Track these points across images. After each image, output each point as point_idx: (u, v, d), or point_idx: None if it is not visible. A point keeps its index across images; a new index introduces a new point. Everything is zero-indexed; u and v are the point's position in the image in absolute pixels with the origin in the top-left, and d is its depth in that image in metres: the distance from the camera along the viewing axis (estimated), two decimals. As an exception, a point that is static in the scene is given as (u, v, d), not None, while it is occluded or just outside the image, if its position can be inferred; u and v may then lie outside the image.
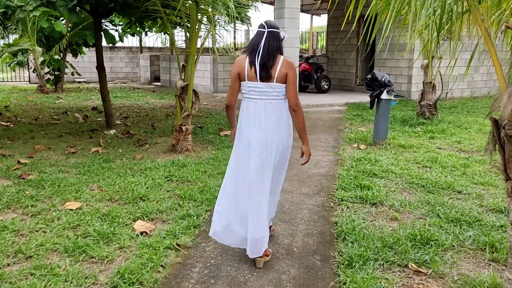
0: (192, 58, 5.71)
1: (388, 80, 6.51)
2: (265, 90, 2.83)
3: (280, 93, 2.86)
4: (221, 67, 13.10)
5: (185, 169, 5.06)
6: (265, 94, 2.83)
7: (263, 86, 2.82)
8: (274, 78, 2.81)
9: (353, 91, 13.72)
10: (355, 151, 6.26)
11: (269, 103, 2.85)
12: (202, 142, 6.68)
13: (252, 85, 2.86)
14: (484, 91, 13.30)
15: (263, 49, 2.81)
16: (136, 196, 4.18)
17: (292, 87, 2.85)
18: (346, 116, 9.17)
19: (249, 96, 2.89)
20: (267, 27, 2.88)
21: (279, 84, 2.83)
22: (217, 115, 9.18)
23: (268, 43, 2.83)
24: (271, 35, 2.86)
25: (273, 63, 2.81)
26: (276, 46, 2.86)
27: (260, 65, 2.79)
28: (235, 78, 2.93)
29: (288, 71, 2.83)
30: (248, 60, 2.84)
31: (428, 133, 7.36)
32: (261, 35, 2.86)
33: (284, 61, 2.85)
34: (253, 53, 2.83)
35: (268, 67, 2.80)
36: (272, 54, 2.84)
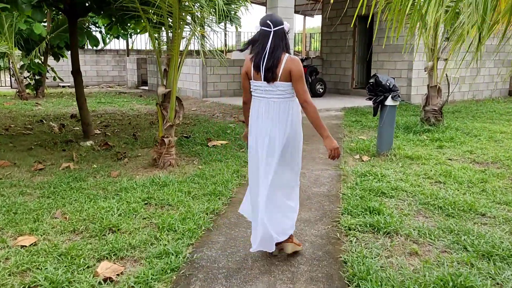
0: (175, 61, 5.05)
1: (393, 84, 5.90)
2: (268, 89, 2.86)
3: (284, 91, 2.86)
4: (211, 70, 12.44)
5: (166, 190, 4.39)
6: (268, 93, 2.87)
7: (266, 85, 2.86)
8: (278, 77, 2.82)
9: (350, 95, 13.12)
10: (357, 163, 5.63)
11: (273, 102, 2.87)
12: (187, 154, 6.01)
13: (257, 84, 2.90)
14: (486, 94, 12.78)
15: (269, 52, 2.79)
16: (106, 226, 3.51)
17: (298, 84, 2.84)
18: (345, 123, 8.55)
19: (255, 95, 2.95)
20: (273, 26, 2.82)
21: (283, 83, 2.83)
22: (205, 123, 8.51)
23: (273, 44, 2.80)
24: (277, 35, 2.82)
25: (277, 63, 2.80)
26: (282, 45, 2.83)
27: (265, 69, 2.80)
28: (244, 77, 2.99)
29: (292, 67, 2.80)
30: (253, 62, 2.85)
31: (435, 142, 6.76)
32: (266, 36, 2.82)
33: (288, 59, 2.81)
34: (258, 55, 2.82)
35: (273, 68, 2.80)
36: (278, 56, 2.80)
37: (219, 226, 3.64)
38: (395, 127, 7.44)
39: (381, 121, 5.99)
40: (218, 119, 9.22)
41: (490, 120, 8.72)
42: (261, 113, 2.89)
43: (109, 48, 18.20)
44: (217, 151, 6.17)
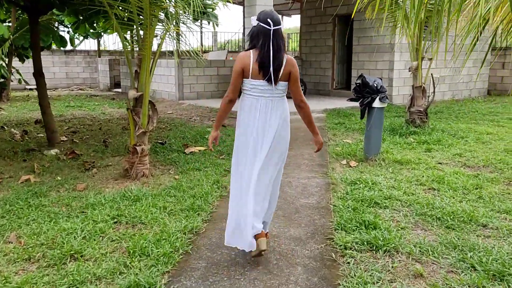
0: (147, 62, 4.60)
1: (381, 85, 5.59)
2: (267, 89, 2.87)
3: (281, 91, 2.92)
4: (187, 71, 11.96)
5: (139, 205, 3.94)
6: (267, 92, 2.88)
7: (265, 84, 2.86)
8: (279, 77, 2.86)
9: (330, 96, 12.86)
10: (345, 170, 5.29)
11: (270, 100, 2.90)
12: (163, 163, 5.55)
13: (256, 83, 2.87)
14: (465, 94, 12.72)
15: (273, 52, 2.78)
16: (67, 252, 3.04)
17: (296, 85, 2.93)
18: (328, 125, 8.23)
19: (251, 94, 2.90)
20: (273, 25, 2.81)
21: (282, 82, 2.89)
22: (182, 127, 8.05)
23: (276, 44, 2.81)
24: (278, 34, 2.83)
25: (282, 64, 2.84)
26: (283, 45, 2.85)
27: (273, 70, 2.80)
28: (239, 74, 2.88)
29: (292, 69, 2.88)
30: (256, 60, 2.80)
31: (423, 144, 6.50)
32: (267, 35, 2.81)
33: (287, 60, 2.87)
34: (264, 55, 2.79)
35: (279, 69, 2.83)
36: (282, 57, 2.84)
37: (199, 248, 3.22)
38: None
39: (369, 124, 5.67)
40: (195, 122, 8.76)
41: (474, 121, 8.55)
42: (259, 112, 2.88)
43: (79, 49, 17.45)
44: (195, 158, 5.74)
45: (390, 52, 11.05)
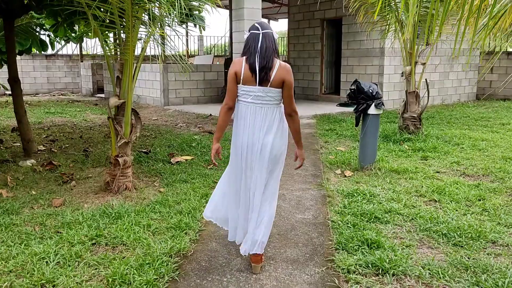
0: (129, 67, 4.27)
1: (376, 91, 5.35)
2: (258, 95, 2.83)
3: (273, 98, 2.85)
4: (173, 76, 11.62)
5: (120, 223, 3.60)
6: (258, 99, 2.84)
7: (256, 90, 2.82)
8: (270, 82, 2.80)
9: (319, 101, 12.64)
10: (341, 180, 5.03)
11: (260, 107, 2.84)
12: (147, 174, 5.22)
13: (246, 89, 2.85)
14: (454, 98, 12.63)
15: (260, 52, 2.78)
16: (37, 281, 2.70)
17: (289, 93, 2.85)
18: (318, 132, 7.97)
19: (242, 100, 2.88)
20: (262, 29, 2.84)
21: (273, 89, 2.83)
22: (167, 134, 7.71)
23: (265, 45, 2.80)
24: (267, 37, 2.83)
25: (271, 65, 2.79)
26: (273, 48, 2.83)
27: (259, 69, 2.77)
28: (233, 80, 2.86)
29: (286, 76, 2.82)
30: (247, 63, 2.81)
31: (418, 152, 6.28)
32: (256, 38, 2.83)
33: (280, 66, 2.83)
34: (251, 56, 2.79)
35: (267, 69, 2.78)
36: (270, 57, 2.80)
37: (187, 273, 2.90)
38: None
39: (363, 131, 5.42)
40: (181, 129, 8.43)
41: (467, 126, 8.39)
42: (249, 120, 2.85)
43: (61, 53, 16.96)
44: (181, 169, 5.41)
45: (380, 57, 10.88)
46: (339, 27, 12.16)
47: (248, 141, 2.86)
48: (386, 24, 7.27)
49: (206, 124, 9.05)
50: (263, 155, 2.86)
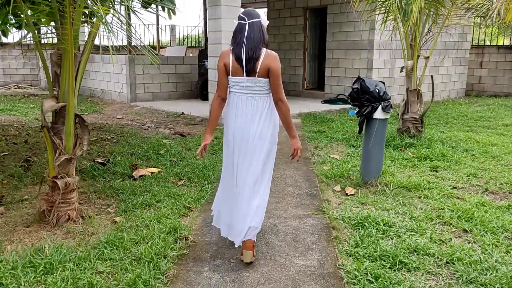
0: (70, 60, 3.18)
1: (384, 91, 4.42)
2: (247, 85, 2.85)
3: (262, 88, 2.87)
4: (140, 69, 10.43)
5: (50, 281, 2.54)
6: (247, 89, 2.86)
7: (245, 81, 2.84)
8: (257, 72, 2.80)
9: (301, 97, 11.70)
10: (343, 201, 4.09)
11: (251, 97, 2.87)
12: (101, 194, 4.14)
13: (236, 80, 2.86)
14: (444, 95, 11.91)
15: (247, 43, 2.77)
16: None
17: (275, 80, 2.83)
18: (306, 135, 7.02)
19: (233, 91, 2.91)
20: (248, 19, 2.81)
21: (261, 79, 2.83)
22: (132, 138, 6.59)
23: (252, 35, 2.78)
24: (254, 26, 2.80)
25: (257, 55, 2.77)
26: (260, 37, 2.80)
27: (246, 60, 2.77)
28: (222, 72, 2.89)
29: (271, 64, 2.80)
30: (233, 54, 2.81)
31: (425, 161, 5.40)
32: (243, 28, 2.81)
33: (266, 54, 2.80)
34: (238, 47, 2.79)
35: (253, 60, 2.77)
36: (257, 47, 2.77)
37: None
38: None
39: (369, 140, 4.49)
40: (149, 131, 7.32)
41: (468, 128, 7.61)
42: (240, 110, 2.88)
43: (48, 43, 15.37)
44: (145, 186, 4.35)
45: (368, 50, 10.00)
46: (323, 16, 11.22)
47: (240, 131, 2.89)
48: (385, 11, 6.34)
49: (177, 124, 7.96)
50: (255, 145, 2.88)
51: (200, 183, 4.52)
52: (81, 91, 12.55)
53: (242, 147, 2.90)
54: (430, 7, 6.03)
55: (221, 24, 7.49)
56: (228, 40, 7.81)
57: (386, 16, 6.36)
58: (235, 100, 2.90)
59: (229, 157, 2.98)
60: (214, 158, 5.42)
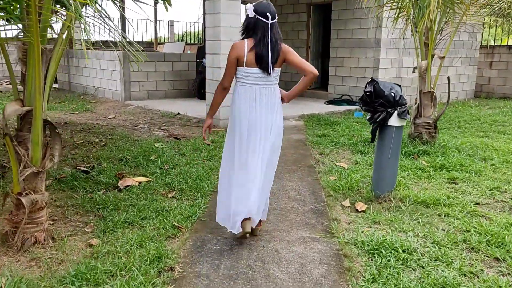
0: (36, 57, 2.68)
1: (400, 95, 3.93)
2: (261, 76, 2.96)
3: (275, 78, 3.03)
4: (136, 66, 9.91)
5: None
6: (261, 80, 2.97)
7: (260, 72, 2.94)
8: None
9: (304, 96, 11.19)
10: (353, 219, 3.61)
11: (264, 88, 2.98)
12: (80, 208, 3.65)
13: (250, 71, 2.95)
14: (452, 96, 11.39)
15: (271, 47, 2.89)
16: None
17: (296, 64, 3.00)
18: (310, 139, 6.53)
19: (245, 81, 2.98)
20: (272, 18, 2.91)
21: (277, 69, 2.99)
22: (122, 140, 6.10)
23: (275, 38, 2.92)
24: (275, 27, 2.95)
25: (278, 56, 2.94)
26: (280, 37, 2.97)
27: (272, 63, 2.91)
28: (233, 64, 2.98)
29: (286, 56, 2.97)
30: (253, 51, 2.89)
31: (441, 171, 4.92)
32: (264, 28, 2.89)
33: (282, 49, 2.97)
34: (262, 48, 2.88)
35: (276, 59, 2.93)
36: (279, 50, 2.93)
37: None
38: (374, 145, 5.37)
39: (382, 149, 4.00)
40: (141, 133, 6.83)
41: (483, 133, 7.12)
42: (254, 100, 2.97)
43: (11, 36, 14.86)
44: (130, 199, 3.87)
45: (375, 48, 9.51)
46: (328, 13, 10.72)
47: (255, 121, 2.98)
48: (397, 7, 5.84)
49: (172, 125, 7.47)
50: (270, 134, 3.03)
51: (192, 196, 4.04)
52: (74, 88, 12.05)
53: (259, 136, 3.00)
54: (447, 2, 5.53)
55: (220, 19, 6.99)
56: (228, 36, 7.39)
57: (399, 12, 5.86)
58: (248, 91, 2.98)
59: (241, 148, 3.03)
60: (210, 165, 4.93)
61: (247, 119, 2.98)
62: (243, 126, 3.01)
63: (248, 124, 2.99)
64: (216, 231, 3.31)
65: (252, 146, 3.00)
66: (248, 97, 2.98)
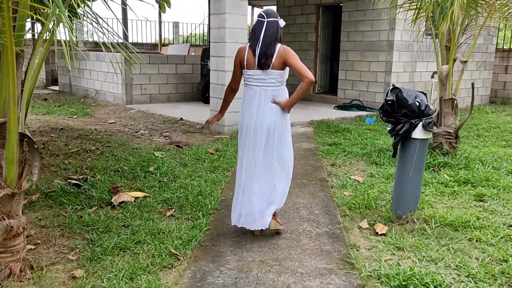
0: (9, 61, 2.30)
1: (426, 104, 3.52)
2: (261, 78, 3.05)
3: (275, 80, 3.07)
4: (137, 68, 9.56)
5: None
6: (261, 81, 3.06)
7: (259, 73, 3.05)
8: (271, 65, 3.00)
9: (312, 101, 10.79)
10: (374, 244, 3.20)
11: (264, 90, 3.07)
12: (67, 228, 3.26)
13: (250, 73, 3.09)
14: (467, 102, 10.96)
15: (262, 39, 3.00)
16: None
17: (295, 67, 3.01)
18: (320, 148, 6.12)
19: (248, 83, 3.14)
20: (266, 17, 3.06)
21: (274, 71, 3.03)
22: (120, 148, 5.72)
23: (267, 33, 3.02)
24: (270, 25, 3.04)
25: (272, 52, 2.99)
26: (275, 35, 3.03)
27: (259, 55, 3.00)
28: (236, 66, 3.18)
29: (285, 57, 3.01)
30: (250, 49, 3.05)
31: (465, 186, 4.49)
32: (260, 25, 3.05)
33: (281, 49, 3.02)
34: (254, 42, 3.04)
35: (267, 55, 2.98)
36: (271, 44, 3.00)
37: None
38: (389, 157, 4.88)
39: (405, 164, 3.59)
40: (141, 139, 6.45)
41: (504, 142, 6.67)
42: (253, 102, 3.08)
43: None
44: (124, 218, 3.48)
45: (387, 51, 9.08)
46: (337, 14, 10.31)
47: (253, 121, 3.08)
48: (416, 7, 5.43)
49: (175, 131, 7.09)
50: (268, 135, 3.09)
51: (193, 214, 3.64)
52: (75, 91, 11.71)
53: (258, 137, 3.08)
54: (470, 2, 5.11)
55: (225, 19, 6.61)
56: (233, 38, 7.00)
57: (418, 13, 5.44)
58: (249, 93, 3.12)
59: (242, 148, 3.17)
60: (213, 178, 4.53)
61: (247, 119, 3.11)
62: (243, 127, 3.15)
63: (247, 125, 3.12)
64: (219, 260, 2.91)
65: (248, 146, 3.12)
66: (249, 98, 3.11)
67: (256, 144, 3.09)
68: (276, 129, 3.09)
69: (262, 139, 3.08)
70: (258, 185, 3.12)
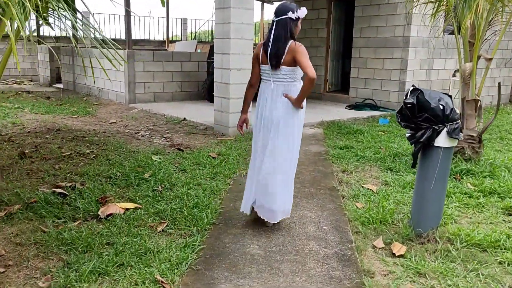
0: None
1: (451, 108, 3.09)
2: (273, 73, 3.15)
3: (286, 76, 3.13)
4: (141, 66, 9.22)
5: None
6: (273, 76, 3.16)
7: (270, 68, 3.14)
8: (281, 64, 3.08)
9: (322, 100, 10.35)
10: (392, 270, 2.78)
11: (276, 85, 3.17)
12: (44, 248, 2.90)
13: (264, 68, 3.22)
14: (486, 101, 10.42)
15: (272, 40, 3.07)
16: None
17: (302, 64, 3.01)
18: (331, 151, 5.69)
19: (263, 78, 3.27)
20: (276, 16, 3.10)
21: (285, 67, 3.09)
22: (117, 151, 5.36)
23: (276, 33, 3.07)
24: (280, 24, 3.07)
25: (281, 53, 3.04)
26: (284, 34, 3.05)
27: (269, 56, 3.10)
28: (255, 62, 3.29)
29: (294, 54, 3.02)
30: (264, 47, 3.15)
31: (492, 197, 4.05)
32: (272, 25, 3.13)
33: (291, 45, 3.04)
34: (267, 41, 3.12)
35: (276, 56, 3.06)
36: (280, 44, 3.04)
37: None
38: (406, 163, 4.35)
39: (426, 175, 3.16)
40: (141, 141, 6.09)
41: (530, 145, 6.19)
42: (266, 95, 3.21)
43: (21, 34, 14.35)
44: (109, 235, 3.11)
45: (403, 48, 8.60)
46: (350, 9, 9.84)
47: (265, 114, 3.20)
48: (435, 1, 4.96)
49: (176, 132, 6.72)
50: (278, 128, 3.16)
51: (186, 230, 3.26)
52: (79, 89, 11.42)
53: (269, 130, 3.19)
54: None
55: (230, 14, 6.21)
56: (239, 34, 6.56)
57: (438, 6, 4.98)
58: (263, 87, 3.26)
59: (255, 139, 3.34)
60: (212, 187, 4.15)
61: (261, 112, 3.25)
62: (257, 117, 3.28)
63: (261, 117, 3.25)
64: (211, 288, 2.52)
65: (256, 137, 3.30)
66: (263, 91, 3.25)
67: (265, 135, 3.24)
68: (281, 122, 3.15)
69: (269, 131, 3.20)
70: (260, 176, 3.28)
